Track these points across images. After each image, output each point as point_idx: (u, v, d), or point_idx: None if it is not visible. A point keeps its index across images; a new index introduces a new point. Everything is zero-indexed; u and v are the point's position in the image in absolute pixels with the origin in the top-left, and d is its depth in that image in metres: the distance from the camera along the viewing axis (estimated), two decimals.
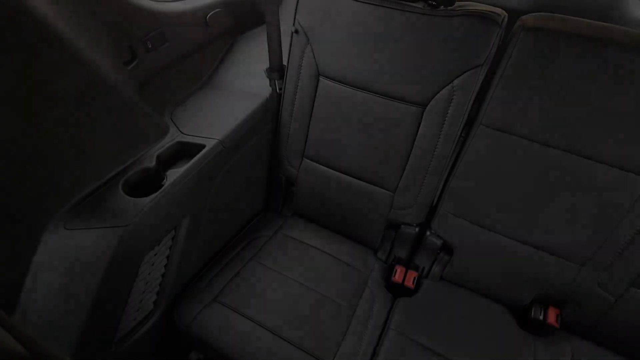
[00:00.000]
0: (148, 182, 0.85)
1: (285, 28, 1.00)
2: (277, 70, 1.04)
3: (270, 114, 1.09)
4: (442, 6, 0.81)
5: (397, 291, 1.06)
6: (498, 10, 0.80)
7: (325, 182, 1.12)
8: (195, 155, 0.89)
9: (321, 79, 1.00)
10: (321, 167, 1.11)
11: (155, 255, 0.86)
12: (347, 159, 1.06)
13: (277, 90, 1.07)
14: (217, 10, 1.03)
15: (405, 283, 1.05)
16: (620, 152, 0.76)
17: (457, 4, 0.83)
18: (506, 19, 0.80)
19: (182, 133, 0.93)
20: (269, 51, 1.00)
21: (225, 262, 1.05)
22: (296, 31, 0.97)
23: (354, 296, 1.00)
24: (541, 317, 0.96)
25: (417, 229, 1.08)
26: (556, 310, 0.96)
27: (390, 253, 1.15)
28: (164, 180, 0.84)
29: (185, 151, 0.92)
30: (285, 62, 1.04)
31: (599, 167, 0.79)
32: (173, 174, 0.85)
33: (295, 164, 1.15)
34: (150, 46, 0.86)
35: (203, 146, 0.90)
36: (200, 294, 0.97)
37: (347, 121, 1.00)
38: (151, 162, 0.86)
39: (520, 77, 0.78)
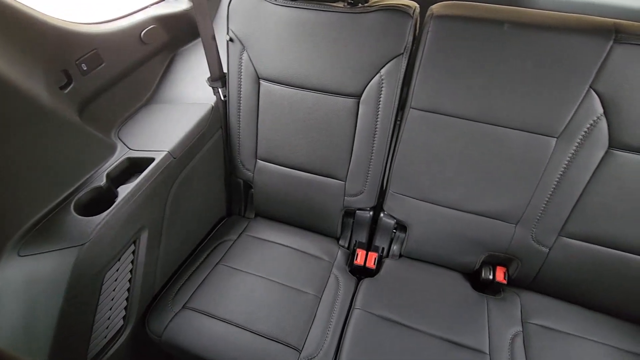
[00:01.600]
0: (101, 201, 0.86)
1: (223, 37, 1.04)
2: (218, 79, 1.08)
3: (218, 121, 1.12)
4: (360, 4, 0.88)
5: (360, 274, 1.13)
6: (410, 2, 0.88)
7: (281, 181, 1.16)
8: (145, 169, 0.91)
9: (261, 82, 1.05)
10: (275, 166, 1.15)
11: (117, 271, 0.88)
12: (297, 155, 1.11)
13: (222, 98, 1.11)
14: (151, 26, 1.06)
15: (367, 265, 1.12)
16: (529, 118, 0.85)
17: (372, 0, 0.90)
18: (418, 10, 0.87)
19: (131, 149, 0.95)
20: (207, 61, 1.03)
21: (192, 269, 1.08)
22: (231, 39, 1.01)
23: (320, 284, 1.05)
24: (490, 277, 1.05)
25: (371, 213, 1.15)
26: (503, 268, 1.05)
27: (350, 239, 1.21)
28: (117, 197, 0.86)
29: (135, 166, 0.94)
30: (226, 70, 1.08)
31: (515, 133, 0.88)
32: (124, 190, 0.87)
33: (250, 166, 1.19)
34: (85, 68, 0.88)
35: (152, 159, 0.93)
36: (169, 303, 0.99)
37: (292, 119, 1.05)
38: (101, 181, 0.87)
39: (436, 61, 0.86)
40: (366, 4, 0.88)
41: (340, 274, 1.10)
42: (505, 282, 1.04)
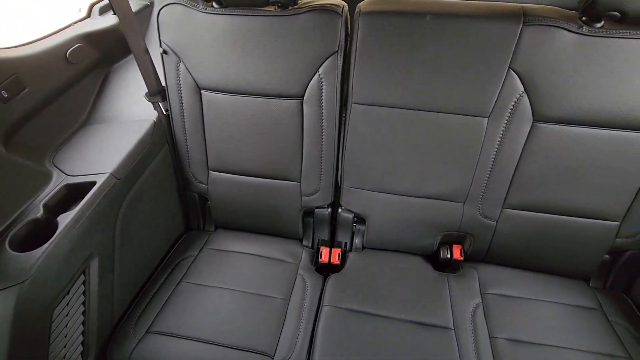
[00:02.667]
0: (40, 234, 0.81)
1: (158, 50, 1.02)
2: (157, 93, 1.05)
3: (163, 136, 1.09)
4: (290, 6, 0.89)
5: (327, 271, 1.14)
6: (338, 2, 0.90)
7: (236, 189, 1.15)
8: (87, 194, 0.87)
9: (203, 92, 1.03)
10: (228, 175, 1.14)
11: (67, 305, 0.83)
12: (249, 162, 1.10)
13: (164, 112, 1.08)
14: (77, 45, 1.01)
15: (332, 261, 1.13)
16: (461, 101, 0.91)
17: (304, 1, 0.91)
18: (346, 8, 0.90)
19: (69, 175, 0.90)
20: (142, 76, 1.00)
21: (153, 291, 1.04)
22: (164, 52, 0.99)
23: (287, 287, 1.05)
24: (448, 256, 1.10)
25: (329, 210, 1.16)
26: (458, 246, 1.11)
27: (313, 238, 1.22)
28: (58, 228, 0.81)
29: (76, 193, 0.89)
30: (164, 84, 1.06)
31: (451, 117, 0.93)
32: (65, 219, 0.82)
33: (203, 178, 1.17)
34: (6, 95, 0.82)
35: (94, 183, 0.88)
36: (132, 330, 0.95)
37: (238, 127, 1.05)
38: (38, 212, 0.82)
39: (370, 55, 0.90)
40: (296, 6, 0.90)
41: (307, 274, 1.11)
42: (462, 258, 1.09)
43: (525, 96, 0.87)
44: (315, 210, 1.17)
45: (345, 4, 0.90)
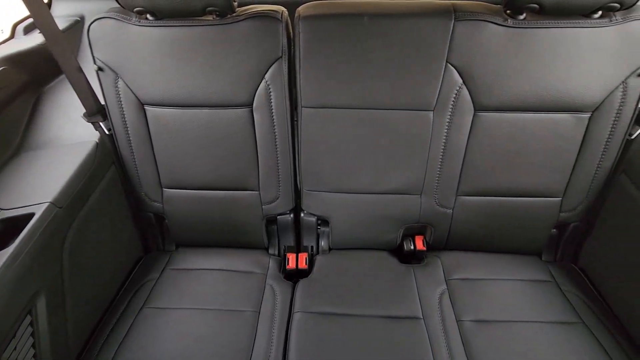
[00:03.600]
0: None
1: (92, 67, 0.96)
2: (96, 113, 0.99)
3: (108, 157, 1.03)
4: (228, 14, 0.88)
5: (295, 277, 1.13)
6: (277, 7, 0.90)
7: (194, 205, 1.12)
8: (25, 228, 0.80)
9: (146, 108, 0.99)
10: (183, 191, 1.10)
11: (14, 349, 0.76)
12: (204, 175, 1.07)
13: (106, 132, 1.02)
14: (1, 68, 0.93)
15: (300, 266, 1.12)
16: (407, 97, 0.93)
17: (242, 8, 0.90)
18: (286, 14, 0.90)
19: (3, 209, 0.83)
20: (78, 96, 0.95)
21: (113, 321, 0.98)
22: (100, 69, 0.94)
23: (256, 299, 1.03)
24: (412, 247, 1.13)
25: (292, 215, 1.16)
26: (420, 237, 1.14)
27: (279, 245, 1.21)
28: None
29: (12, 227, 0.82)
30: (103, 102, 1.00)
31: (399, 113, 0.95)
32: (2, 257, 0.75)
33: (157, 197, 1.12)
34: None
35: (32, 215, 0.82)
36: None
37: (189, 140, 1.01)
38: None
39: (314, 59, 0.90)
40: (234, 14, 0.88)
41: (275, 282, 1.09)
42: (425, 248, 1.13)
43: (465, 88, 0.91)
44: (278, 217, 1.15)
45: (285, 10, 0.90)
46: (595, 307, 0.98)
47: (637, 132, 0.93)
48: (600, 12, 0.83)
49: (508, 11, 0.86)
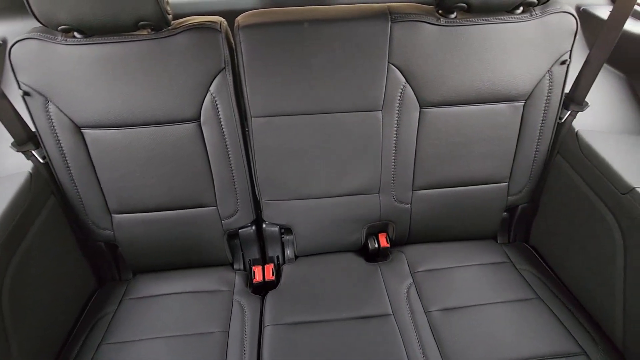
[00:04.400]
0: None
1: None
2: (27, 141, 0.91)
3: (45, 187, 0.96)
4: (164, 28, 0.85)
5: (264, 290, 1.10)
6: (215, 18, 0.88)
7: (148, 228, 1.06)
8: None
9: (84, 131, 0.93)
10: (135, 215, 1.04)
11: None
12: (156, 196, 1.02)
13: (41, 161, 0.94)
14: None
15: (267, 278, 1.10)
16: (354, 99, 0.95)
17: (178, 21, 0.87)
18: (225, 24, 0.88)
19: None
20: (3, 125, 0.87)
21: None
22: (26, 94, 0.87)
23: (224, 318, 1.00)
24: (376, 245, 1.14)
25: (254, 227, 1.13)
26: (383, 234, 1.16)
27: (244, 259, 1.18)
28: None
29: None
30: (34, 129, 0.92)
31: (350, 115, 0.97)
32: None
33: (106, 224, 1.05)
34: None
35: None
36: None
37: (135, 161, 0.96)
38: None
39: (258, 68, 0.89)
40: (170, 27, 0.85)
41: (243, 298, 1.06)
42: (388, 245, 1.14)
43: (408, 86, 0.94)
44: (239, 231, 1.13)
45: (223, 20, 0.88)
46: (548, 281, 1.05)
47: (566, 116, 1.01)
48: (521, 8, 0.90)
49: (440, 11, 0.90)
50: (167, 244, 1.09)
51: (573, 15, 0.91)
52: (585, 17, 1.15)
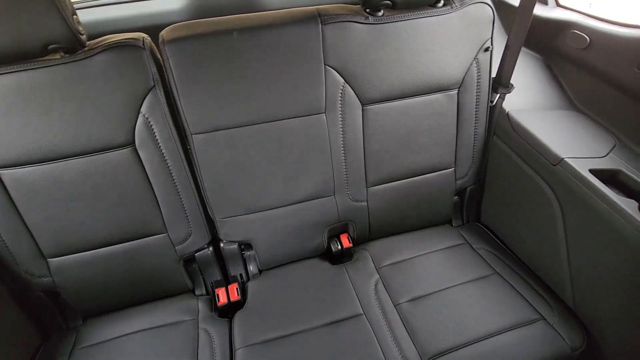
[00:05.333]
0: None
1: None
2: None
3: None
4: (78, 50, 0.78)
5: (230, 312, 1.05)
6: (137, 34, 0.83)
7: (93, 267, 0.97)
8: None
9: (1, 172, 0.83)
10: (75, 256, 0.95)
11: None
12: (97, 231, 0.94)
13: None
14: None
15: (232, 299, 1.05)
16: (298, 104, 0.94)
17: (95, 41, 0.81)
18: (148, 40, 0.83)
19: None
20: None
21: None
22: None
23: (191, 349, 0.94)
24: (339, 247, 1.14)
25: (211, 248, 1.08)
26: (345, 234, 1.16)
27: (205, 283, 1.12)
28: None
29: None
30: None
31: (294, 121, 0.95)
32: None
33: (42, 271, 0.94)
34: None
35: None
36: None
37: (68, 197, 0.88)
38: None
39: (191, 83, 0.85)
40: (86, 48, 0.79)
41: (209, 325, 1.00)
42: (351, 244, 1.14)
43: (348, 86, 0.95)
44: (196, 254, 1.07)
45: (146, 36, 0.83)
46: (503, 256, 1.11)
47: (496, 99, 1.08)
48: (442, 2, 0.94)
49: (367, 10, 0.92)
50: (117, 281, 1.01)
51: (489, 5, 0.97)
52: (500, 5, 1.23)
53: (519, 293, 0.99)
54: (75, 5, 1.16)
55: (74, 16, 0.75)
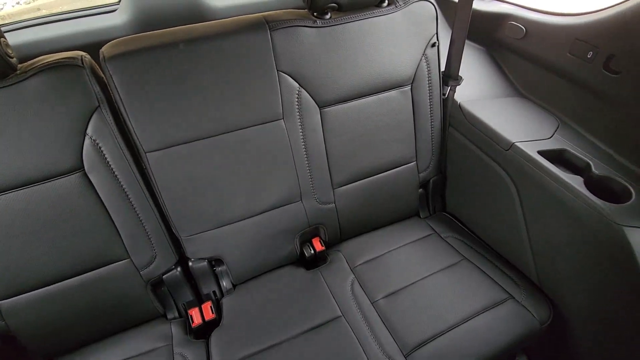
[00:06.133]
0: None
1: None
2: None
3: None
4: (10, 74, 0.73)
5: (206, 332, 1.02)
6: (74, 53, 0.79)
7: (47, 305, 0.90)
8: None
9: None
10: (29, 295, 0.88)
11: None
12: (52, 265, 0.87)
13: None
14: None
15: (207, 318, 1.02)
16: (255, 112, 0.93)
17: (28, 63, 0.76)
18: (88, 58, 0.79)
19: None
20: None
21: None
22: None
23: None
24: (312, 252, 1.13)
25: (179, 268, 1.04)
26: (317, 238, 1.15)
27: (177, 306, 1.08)
28: None
29: None
30: None
31: (253, 129, 0.94)
32: None
33: None
34: None
35: None
36: None
37: (12, 233, 0.81)
38: None
39: (139, 99, 0.82)
40: (18, 72, 0.74)
41: (185, 349, 0.96)
42: (324, 248, 1.14)
43: (303, 90, 0.95)
44: (164, 277, 1.02)
45: (85, 54, 0.79)
46: (470, 242, 1.15)
47: (448, 91, 1.12)
48: (387, 1, 0.97)
49: (314, 13, 0.92)
50: (80, 315, 0.94)
51: (431, 2, 1.01)
52: (443, 2, 1.29)
53: (488, 276, 1.02)
54: (3, 28, 1.09)
55: (2, 39, 0.70)
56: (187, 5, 1.20)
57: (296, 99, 0.95)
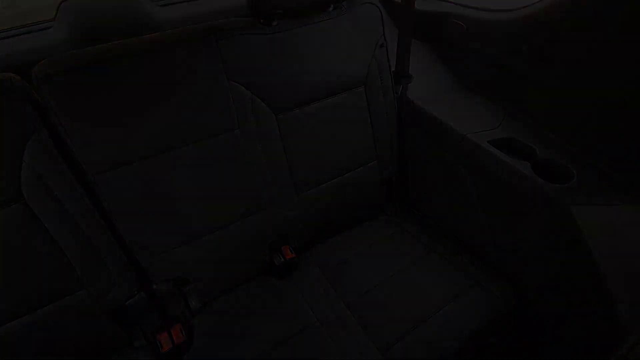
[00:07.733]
0: None
1: None
2: None
3: None
4: None
5: (178, 356, 0.97)
6: (3, 75, 0.73)
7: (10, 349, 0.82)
8: None
9: None
10: None
11: None
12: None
13: None
14: None
15: (177, 342, 0.97)
16: (207, 124, 0.90)
17: None
18: (18, 79, 0.73)
19: None
20: None
21: None
22: None
23: None
24: (282, 260, 1.12)
25: (142, 293, 0.99)
26: (286, 246, 1.14)
27: (145, 333, 1.02)
28: None
29: None
30: None
31: (207, 142, 0.92)
32: None
33: None
34: None
35: None
36: None
37: None
38: None
39: (83, 120, 0.77)
40: None
41: None
42: (294, 255, 1.13)
43: (257, 98, 0.94)
44: (127, 303, 0.96)
45: (14, 75, 0.73)
46: (435, 233, 1.18)
47: (400, 90, 1.15)
48: (332, 6, 0.98)
49: (261, 21, 0.92)
50: (39, 354, 0.86)
51: (375, 5, 1.04)
52: (388, 3, 1.33)
53: (455, 264, 1.05)
54: None
55: None
56: (130, 18, 1.16)
57: (250, 108, 0.94)
